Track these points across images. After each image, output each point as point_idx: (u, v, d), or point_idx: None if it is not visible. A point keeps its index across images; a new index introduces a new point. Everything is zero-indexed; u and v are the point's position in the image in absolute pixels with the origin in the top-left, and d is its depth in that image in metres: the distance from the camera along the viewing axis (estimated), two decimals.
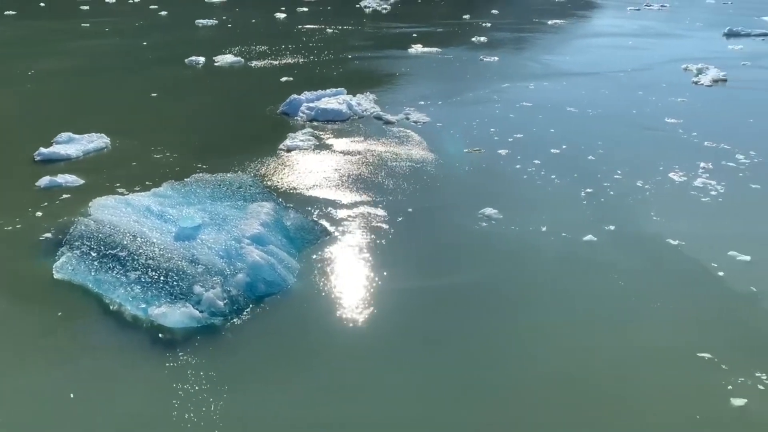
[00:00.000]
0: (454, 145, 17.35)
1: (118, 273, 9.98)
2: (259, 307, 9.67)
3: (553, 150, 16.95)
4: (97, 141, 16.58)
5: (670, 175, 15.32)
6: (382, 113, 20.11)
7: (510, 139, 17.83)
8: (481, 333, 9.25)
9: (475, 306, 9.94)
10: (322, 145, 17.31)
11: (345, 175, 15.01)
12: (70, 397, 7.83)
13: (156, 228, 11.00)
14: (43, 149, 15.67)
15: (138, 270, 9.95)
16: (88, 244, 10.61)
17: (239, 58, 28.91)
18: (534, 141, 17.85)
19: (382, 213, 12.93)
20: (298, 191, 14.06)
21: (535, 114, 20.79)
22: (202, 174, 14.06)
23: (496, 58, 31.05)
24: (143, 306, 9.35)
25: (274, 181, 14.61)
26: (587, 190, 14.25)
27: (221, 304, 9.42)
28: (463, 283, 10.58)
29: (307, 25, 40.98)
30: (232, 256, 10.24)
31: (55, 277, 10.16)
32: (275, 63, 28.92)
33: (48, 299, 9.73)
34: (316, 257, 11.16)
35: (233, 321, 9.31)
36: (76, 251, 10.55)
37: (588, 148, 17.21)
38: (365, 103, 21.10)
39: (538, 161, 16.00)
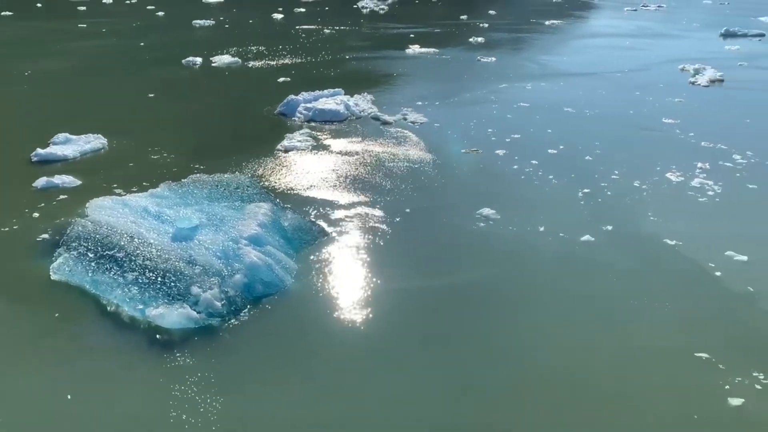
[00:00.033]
0: (452, 146, 17.35)
1: (115, 274, 9.96)
2: (257, 308, 9.66)
3: (550, 150, 16.97)
4: (94, 142, 16.56)
5: (668, 175, 15.34)
6: (379, 114, 20.11)
7: (507, 140, 17.85)
8: (480, 333, 9.26)
9: (473, 306, 9.94)
10: (319, 146, 17.31)
11: (342, 176, 15.00)
12: (67, 398, 7.81)
13: (153, 229, 10.99)
14: (39, 150, 15.65)
15: (135, 271, 9.93)
16: (85, 245, 10.59)
17: (236, 59, 28.90)
18: (531, 141, 17.87)
19: (379, 213, 12.93)
20: (295, 192, 14.06)
21: (532, 114, 20.82)
22: (199, 175, 14.05)
23: (494, 59, 31.09)
24: (140, 307, 9.34)
25: (272, 181, 14.60)
26: (585, 191, 14.26)
27: (219, 305, 9.40)
28: (461, 283, 10.58)
29: (305, 26, 40.98)
30: (229, 257, 10.22)
31: (52, 278, 10.14)
32: (272, 63, 28.91)
33: (45, 300, 9.71)
34: (313, 258, 11.16)
35: (231, 322, 9.30)
36: (73, 252, 10.53)
37: (585, 148, 17.23)
38: (363, 103, 21.09)
39: (535, 161, 16.02)
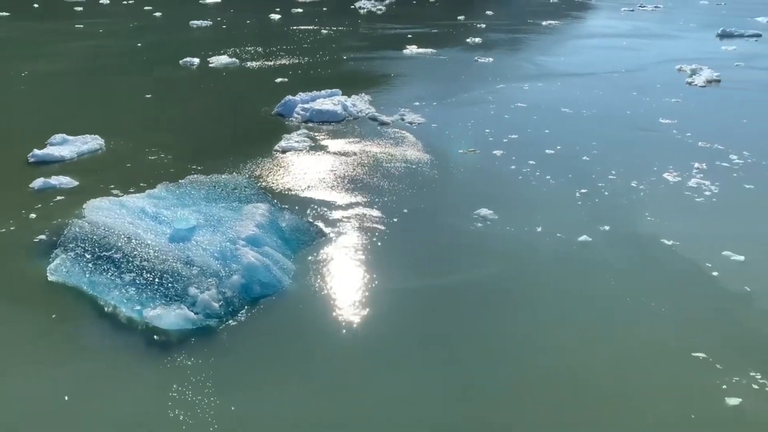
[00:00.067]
0: (450, 146, 17.36)
1: (112, 275, 9.94)
2: (255, 309, 9.65)
3: (547, 150, 16.99)
4: (91, 142, 16.53)
5: (665, 175, 15.36)
6: (377, 114, 20.11)
7: (505, 140, 17.86)
8: (478, 333, 9.26)
9: (472, 306, 9.95)
10: (317, 146, 17.30)
11: (340, 176, 15.00)
12: (65, 399, 7.80)
13: (151, 230, 10.97)
14: (36, 151, 15.62)
15: (133, 272, 9.92)
16: (82, 246, 10.57)
17: (234, 59, 28.89)
18: (529, 141, 17.89)
19: (377, 214, 12.93)
20: (293, 192, 14.05)
21: (529, 115, 20.84)
22: (196, 175, 14.04)
23: (491, 59, 31.11)
24: (138, 308, 9.32)
25: (269, 182, 14.59)
26: (582, 191, 14.28)
27: (216, 305, 9.39)
28: (458, 283, 10.58)
29: (302, 26, 40.98)
30: (227, 258, 10.21)
31: (49, 279, 10.12)
32: (270, 64, 28.90)
33: (42, 301, 9.69)
34: (311, 258, 11.15)
35: (228, 322, 9.29)
36: (70, 253, 10.51)
37: (583, 148, 17.25)
38: (360, 104, 21.09)
39: (533, 162, 16.03)
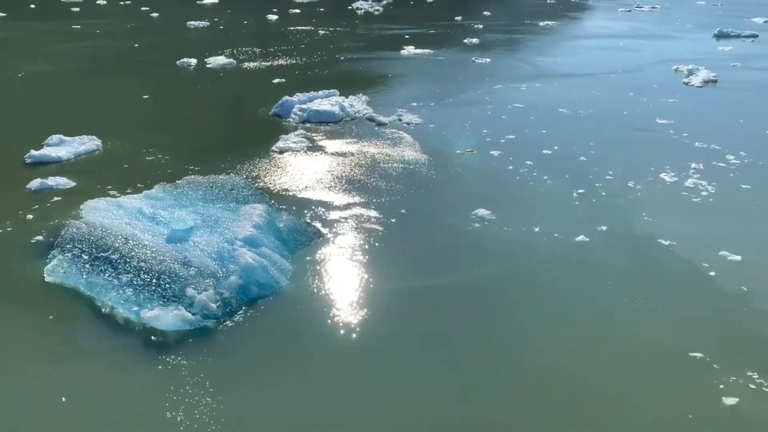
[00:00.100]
0: (447, 147, 17.36)
1: (109, 276, 9.93)
2: (252, 310, 9.64)
3: (545, 151, 17.01)
4: (88, 143, 16.50)
5: (662, 175, 15.39)
6: (374, 114, 20.11)
7: (502, 140, 17.88)
8: (476, 333, 9.26)
9: (469, 306, 9.95)
10: (314, 147, 17.29)
11: (338, 177, 15.00)
12: (62, 400, 7.78)
13: (148, 230, 10.96)
14: (33, 152, 15.58)
15: (130, 273, 9.90)
16: (79, 246, 10.56)
17: (231, 60, 28.87)
18: (526, 142, 17.90)
19: (375, 214, 12.93)
20: (290, 193, 14.04)
21: (527, 115, 20.86)
22: (194, 176, 14.01)
23: (488, 60, 31.13)
24: (135, 309, 9.31)
25: (267, 182, 14.58)
26: (579, 191, 14.30)
27: (214, 306, 9.38)
28: (456, 283, 10.59)
29: (299, 27, 40.97)
30: (224, 258, 10.21)
31: (46, 280, 10.10)
32: (267, 64, 28.88)
33: (39, 302, 9.67)
34: (309, 259, 11.15)
35: (226, 323, 9.28)
36: (67, 254, 10.49)
37: (580, 149, 17.28)
38: (358, 104, 21.09)
39: (530, 162, 16.05)
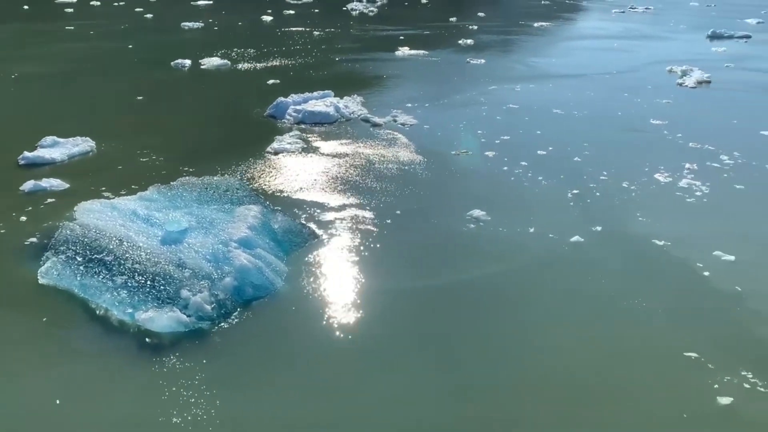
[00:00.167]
0: (442, 147, 17.37)
1: (104, 278, 9.89)
2: (247, 311, 9.63)
3: (539, 151, 17.04)
4: (82, 145, 16.44)
5: (656, 176, 15.44)
6: (369, 115, 20.11)
7: (497, 141, 17.90)
8: (471, 333, 9.27)
9: (464, 306, 9.96)
10: (309, 148, 17.28)
11: (333, 178, 14.99)
12: (56, 403, 7.75)
13: (142, 232, 10.92)
14: (27, 153, 15.52)
15: (124, 274, 9.87)
16: (73, 248, 10.51)
17: (226, 61, 28.81)
18: (521, 143, 17.94)
19: (369, 215, 12.93)
20: (285, 194, 14.03)
21: (521, 116, 20.89)
22: (188, 177, 13.98)
23: (483, 61, 31.18)
24: (130, 311, 9.28)
25: (262, 184, 14.56)
26: (574, 191, 14.33)
27: (209, 308, 9.36)
28: (452, 284, 10.60)
29: (294, 28, 40.93)
30: (219, 260, 10.18)
31: (40, 282, 10.06)
32: (262, 66, 28.84)
33: (33, 304, 9.63)
34: (304, 260, 11.13)
35: (221, 325, 9.26)
36: (61, 256, 10.45)
37: (574, 149, 17.32)
38: (352, 105, 21.08)
39: (525, 163, 16.08)
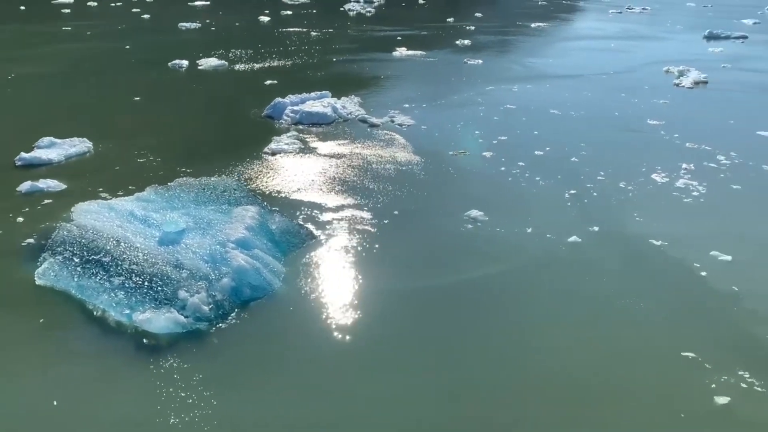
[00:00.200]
0: (440, 148, 17.37)
1: (101, 279, 9.88)
2: (245, 312, 9.62)
3: (537, 152, 17.05)
4: (79, 145, 16.42)
5: (653, 176, 15.47)
6: (367, 116, 20.11)
7: (494, 142, 17.92)
8: (470, 333, 9.27)
9: (462, 307, 9.96)
10: (307, 149, 17.27)
11: (330, 178, 14.98)
12: (53, 404, 7.74)
13: (139, 233, 10.91)
14: (24, 154, 15.49)
15: (122, 275, 9.85)
16: (70, 249, 10.50)
17: (223, 62, 28.79)
18: (518, 143, 17.95)
19: (367, 216, 12.92)
20: (283, 195, 14.02)
21: (518, 116, 20.91)
22: (186, 178, 13.97)
23: (480, 61, 31.20)
24: (127, 312, 9.26)
25: (259, 184, 14.55)
26: (571, 192, 14.35)
27: (206, 309, 9.35)
28: (449, 284, 10.60)
29: (291, 29, 40.92)
30: (217, 261, 10.17)
31: (37, 283, 10.04)
32: (259, 66, 28.83)
33: (30, 306, 9.61)
34: (301, 261, 11.13)
35: (219, 326, 9.26)
36: (58, 257, 10.43)
37: (571, 149, 17.34)
38: (350, 106, 21.08)
39: (522, 163, 16.09)
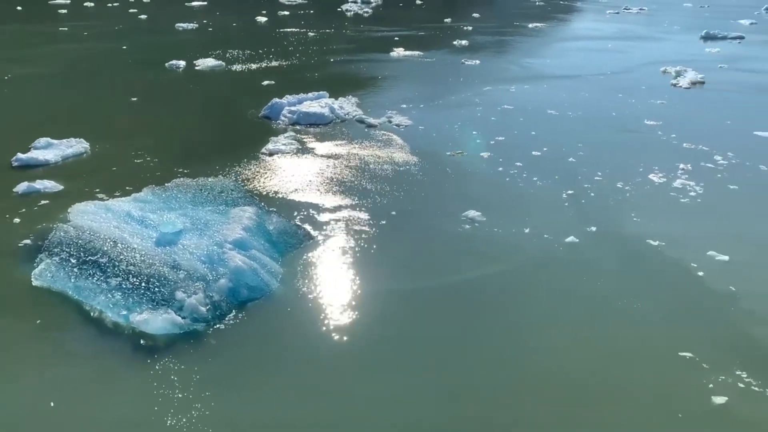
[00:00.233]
0: (437, 148, 17.38)
1: (98, 279, 9.86)
2: (242, 313, 9.61)
3: (534, 152, 17.07)
4: (75, 146, 16.39)
5: (650, 176, 15.49)
6: (364, 116, 20.12)
7: (492, 142, 17.93)
8: (468, 334, 9.27)
9: (460, 308, 9.95)
10: (304, 149, 17.27)
11: (328, 179, 14.98)
12: (50, 405, 7.71)
13: (137, 233, 10.89)
14: (20, 155, 15.46)
15: (119, 276, 9.83)
16: (67, 250, 10.47)
17: (220, 62, 28.78)
18: (516, 143, 17.97)
19: (365, 216, 12.92)
20: (280, 195, 14.01)
21: (516, 117, 20.93)
22: (183, 178, 13.96)
23: (478, 62, 31.23)
24: (124, 313, 9.24)
25: (257, 185, 14.54)
26: (568, 192, 14.36)
27: (204, 309, 9.34)
28: (447, 285, 10.59)
29: (289, 29, 40.91)
30: (214, 262, 10.16)
31: (33, 284, 10.01)
32: (256, 66, 28.82)
33: (27, 307, 9.58)
34: (299, 261, 11.12)
35: (216, 327, 9.24)
36: (55, 258, 10.41)
37: (569, 150, 17.36)
38: (347, 106, 21.08)
39: (519, 163, 16.10)
